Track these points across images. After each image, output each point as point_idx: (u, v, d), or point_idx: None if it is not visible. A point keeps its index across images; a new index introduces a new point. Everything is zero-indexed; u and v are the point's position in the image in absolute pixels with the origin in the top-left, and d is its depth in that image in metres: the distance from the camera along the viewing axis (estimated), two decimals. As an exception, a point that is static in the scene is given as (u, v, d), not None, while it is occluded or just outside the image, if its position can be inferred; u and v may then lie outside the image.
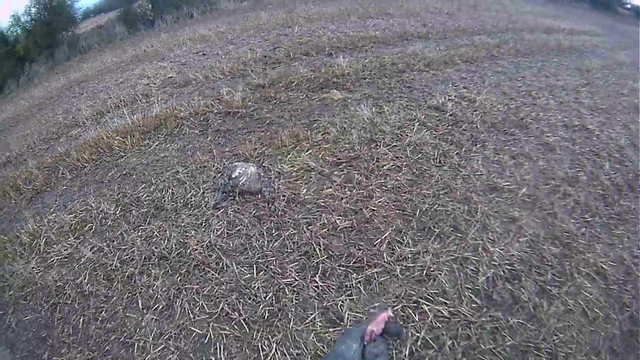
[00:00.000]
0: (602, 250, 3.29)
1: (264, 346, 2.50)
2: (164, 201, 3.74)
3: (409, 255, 2.96)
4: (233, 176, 3.58)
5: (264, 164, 3.96)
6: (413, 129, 4.33)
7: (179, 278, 2.99)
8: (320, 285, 2.79)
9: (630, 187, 4.06)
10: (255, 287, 2.82)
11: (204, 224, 3.40)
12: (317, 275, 2.85)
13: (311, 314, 2.65)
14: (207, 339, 2.60)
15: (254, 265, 2.97)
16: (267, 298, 2.75)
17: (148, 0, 17.13)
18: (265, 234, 3.21)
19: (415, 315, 2.59)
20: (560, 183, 3.85)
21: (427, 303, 2.66)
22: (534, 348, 2.49)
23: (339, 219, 3.25)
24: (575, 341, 2.58)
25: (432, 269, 2.85)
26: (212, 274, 2.96)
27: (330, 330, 2.54)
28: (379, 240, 3.07)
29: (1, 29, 15.78)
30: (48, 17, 16.58)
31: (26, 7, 16.50)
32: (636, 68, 7.37)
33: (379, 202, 3.40)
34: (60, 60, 14.64)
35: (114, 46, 13.79)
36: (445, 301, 2.68)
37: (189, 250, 3.16)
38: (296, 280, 2.84)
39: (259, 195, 3.56)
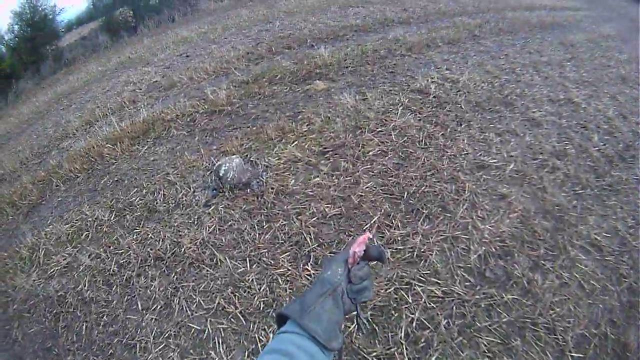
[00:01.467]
0: (595, 222, 3.25)
1: (260, 337, 2.52)
2: (157, 203, 3.78)
3: (399, 238, 2.96)
4: (221, 174, 3.62)
5: (251, 159, 3.99)
6: (397, 113, 4.33)
7: (175, 277, 3.03)
8: (313, 273, 2.81)
9: (621, 157, 4.02)
10: (249, 279, 2.85)
11: (196, 222, 3.43)
12: (309, 264, 2.87)
13: (305, 302, 2.67)
14: (205, 334, 2.62)
15: (247, 259, 3.00)
16: (261, 290, 2.77)
17: (129, 7, 17.10)
18: (256, 227, 3.24)
19: (408, 296, 2.57)
20: (548, 157, 3.83)
21: (419, 284, 2.64)
22: (531, 323, 2.46)
23: (327, 206, 3.27)
24: (573, 314, 2.55)
25: (422, 250, 2.85)
26: (207, 270, 2.99)
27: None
28: (368, 225, 3.07)
29: (-15, 48, 15.84)
30: (31, 33, 16.56)
31: (9, 25, 16.53)
32: (621, 40, 7.30)
33: (367, 187, 3.41)
34: (47, 74, 14.64)
35: (98, 55, 13.76)
36: (438, 281, 2.66)
37: (183, 249, 3.19)
38: (289, 270, 2.86)
39: (248, 190, 3.60)
